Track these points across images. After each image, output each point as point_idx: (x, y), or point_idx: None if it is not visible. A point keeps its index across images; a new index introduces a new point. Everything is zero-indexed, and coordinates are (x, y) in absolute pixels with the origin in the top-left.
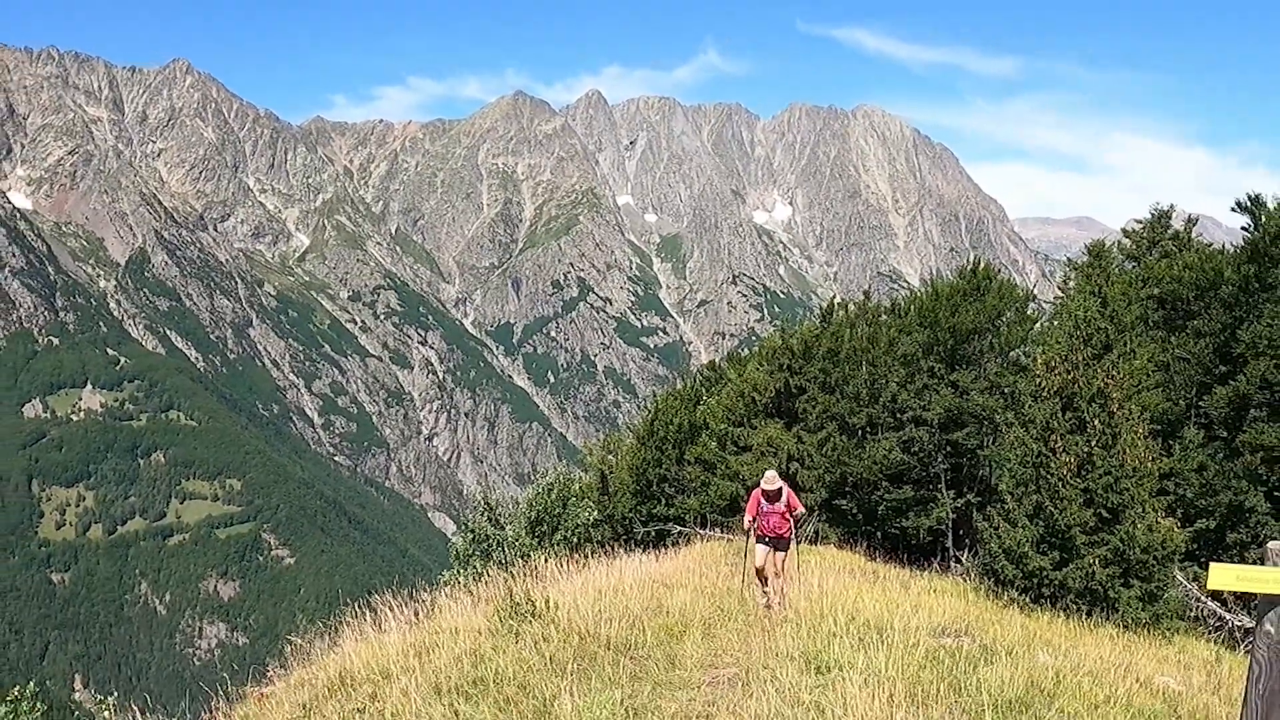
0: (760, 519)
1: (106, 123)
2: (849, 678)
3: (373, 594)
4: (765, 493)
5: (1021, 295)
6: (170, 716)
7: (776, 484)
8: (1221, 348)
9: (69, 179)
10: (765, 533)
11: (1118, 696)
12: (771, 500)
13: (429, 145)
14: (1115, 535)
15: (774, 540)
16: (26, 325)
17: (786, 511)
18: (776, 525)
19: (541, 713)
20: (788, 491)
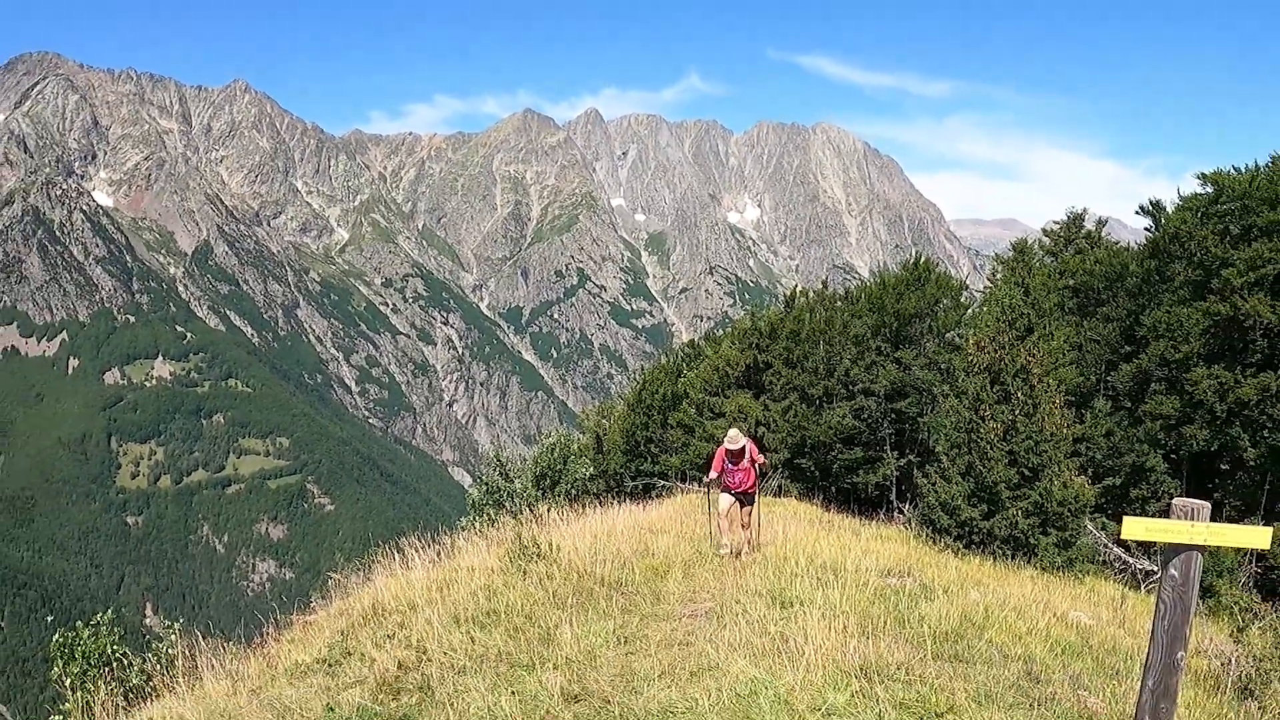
0: (725, 476)
1: (176, 133)
2: (809, 612)
3: (401, 537)
4: (729, 452)
5: (956, 286)
6: (227, 640)
7: (739, 443)
8: (1126, 331)
9: (144, 181)
10: (734, 488)
11: (1038, 629)
12: (735, 460)
13: (451, 154)
14: (1035, 491)
15: (739, 495)
16: (107, 305)
17: (751, 467)
18: (741, 481)
19: (546, 640)
20: (750, 448)
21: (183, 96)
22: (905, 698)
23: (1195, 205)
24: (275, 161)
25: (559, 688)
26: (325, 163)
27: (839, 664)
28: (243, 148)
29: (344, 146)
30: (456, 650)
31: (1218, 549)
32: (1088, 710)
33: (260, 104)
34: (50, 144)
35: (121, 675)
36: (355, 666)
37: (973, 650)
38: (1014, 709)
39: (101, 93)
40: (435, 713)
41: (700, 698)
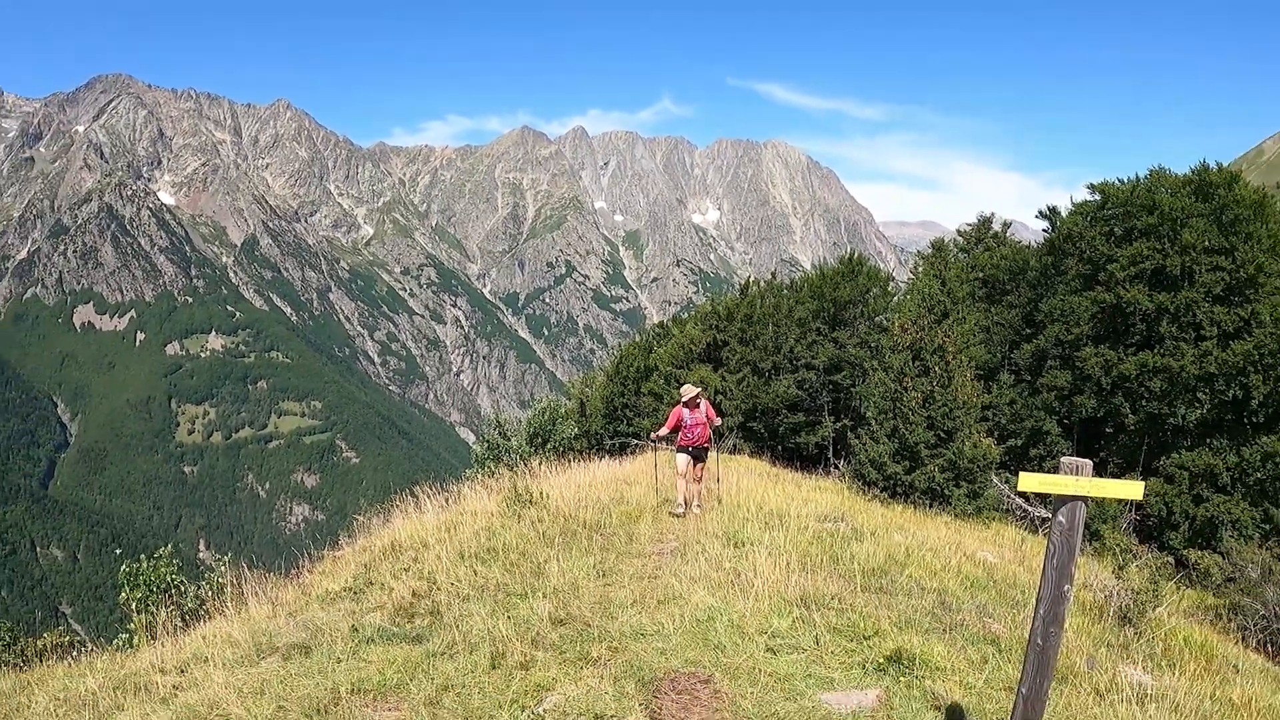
0: (684, 431)
1: (229, 144)
2: (758, 551)
3: (415, 485)
4: (685, 403)
5: (883, 277)
6: (268, 572)
7: (694, 392)
8: (1027, 316)
9: (201, 183)
10: (689, 444)
11: (951, 566)
12: (692, 409)
13: (460, 163)
14: (949, 450)
15: (696, 450)
16: (169, 288)
17: (706, 422)
18: (700, 435)
19: (537, 573)
20: (705, 402)
21: (234, 113)
22: (838, 623)
23: (1085, 210)
24: (312, 168)
25: (547, 613)
26: (354, 170)
27: (783, 595)
28: (284, 156)
29: (370, 156)
30: (461, 581)
31: (1101, 499)
32: (992, 634)
33: (299, 119)
34: (122, 152)
35: (179, 600)
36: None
37: (895, 584)
38: (929, 633)
39: (166, 108)
40: (443, 633)
41: (666, 622)
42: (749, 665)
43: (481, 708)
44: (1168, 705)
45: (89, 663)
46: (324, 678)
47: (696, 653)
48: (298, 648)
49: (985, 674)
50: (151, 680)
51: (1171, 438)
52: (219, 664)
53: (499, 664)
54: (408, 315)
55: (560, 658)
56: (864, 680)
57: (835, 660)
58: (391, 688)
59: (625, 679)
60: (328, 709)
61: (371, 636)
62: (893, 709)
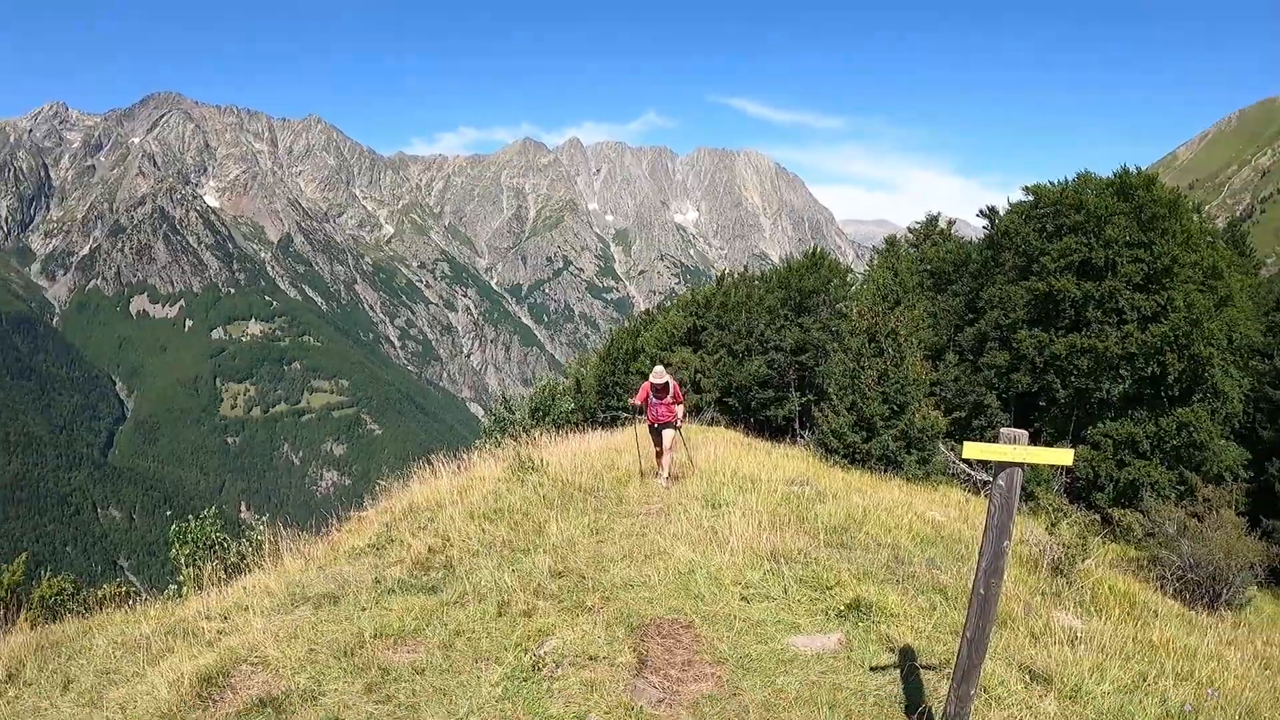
0: (650, 409)
1: (266, 153)
2: (733, 511)
3: (431, 454)
4: (654, 386)
5: (843, 270)
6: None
7: (664, 379)
8: (970, 303)
9: (242, 188)
10: (655, 420)
11: (903, 524)
12: (659, 395)
13: (470, 170)
14: (902, 421)
15: (662, 426)
16: (214, 280)
17: (673, 403)
18: (663, 414)
19: (538, 531)
20: (674, 385)
21: (271, 126)
22: (804, 574)
23: (1020, 210)
24: (339, 175)
25: (548, 567)
26: (377, 176)
27: (755, 550)
28: (315, 165)
29: (390, 164)
30: (472, 538)
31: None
32: (939, 584)
33: (329, 132)
34: (173, 160)
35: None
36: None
37: (855, 540)
38: (885, 583)
39: (211, 122)
40: (456, 585)
41: (652, 574)
42: (725, 612)
43: (489, 650)
44: (1095, 646)
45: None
46: (350, 624)
47: (679, 601)
48: (327, 597)
49: (934, 620)
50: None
51: (1098, 410)
52: (258, 612)
53: (505, 612)
54: (424, 304)
55: (559, 606)
56: (827, 625)
57: (801, 608)
58: (410, 632)
59: (616, 624)
60: (353, 651)
61: (392, 587)
62: (852, 650)
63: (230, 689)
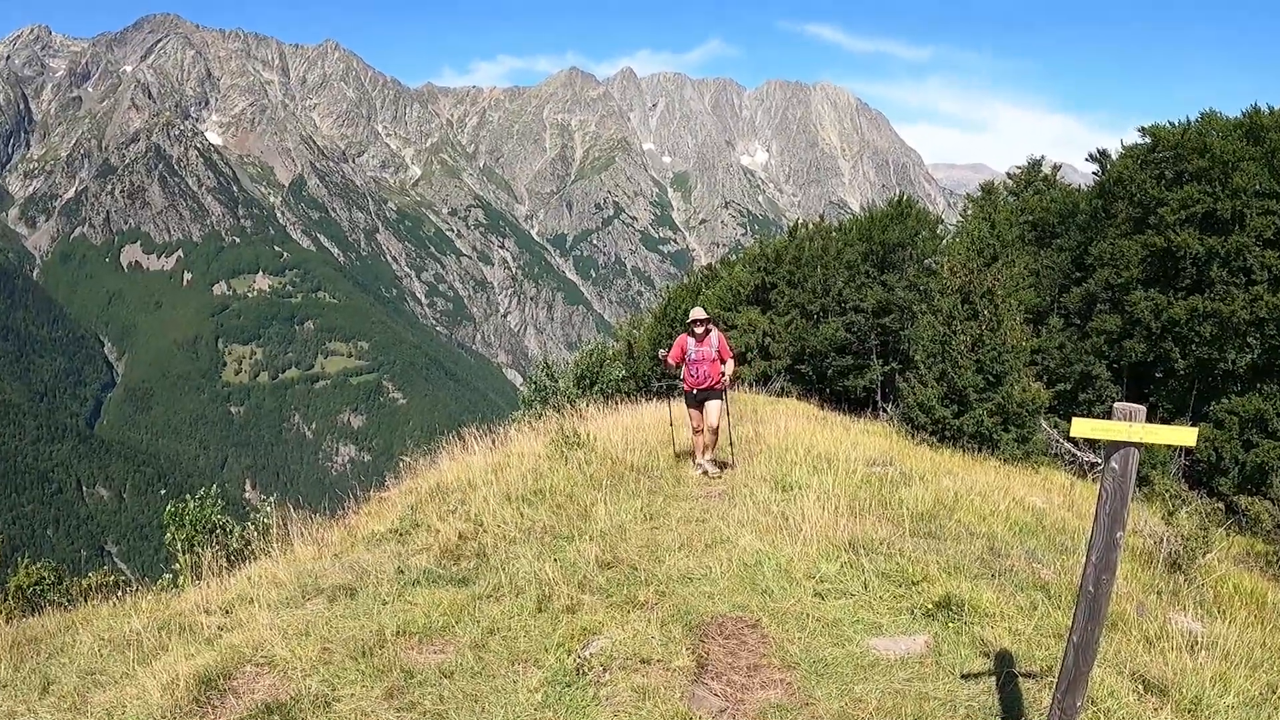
0: (688, 367)
1: (277, 84)
2: (806, 495)
3: (462, 427)
4: (692, 330)
5: (932, 220)
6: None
7: (701, 315)
8: (1076, 259)
9: (249, 124)
10: (693, 385)
11: (999, 511)
12: (699, 339)
13: (508, 105)
14: (998, 394)
15: (704, 394)
16: (217, 228)
17: (716, 357)
18: (708, 374)
19: (583, 515)
20: (718, 334)
21: (282, 53)
22: (887, 568)
23: (1135, 154)
24: (359, 109)
25: (594, 556)
26: (402, 110)
27: (831, 539)
28: (332, 97)
29: (418, 97)
30: (508, 523)
31: (1152, 445)
32: (1041, 580)
33: (347, 60)
34: (170, 91)
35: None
36: (422, 536)
37: (944, 529)
38: (978, 578)
39: (214, 49)
40: (490, 576)
41: (714, 566)
42: (796, 610)
43: (527, 650)
44: (1218, 652)
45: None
46: (369, 620)
47: (744, 597)
48: (343, 589)
49: (1034, 620)
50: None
51: (1221, 382)
52: (264, 605)
53: (545, 607)
54: (455, 256)
55: (607, 601)
56: (912, 626)
57: (883, 605)
58: (437, 630)
59: (672, 623)
60: (373, 651)
61: (417, 579)
62: (941, 655)
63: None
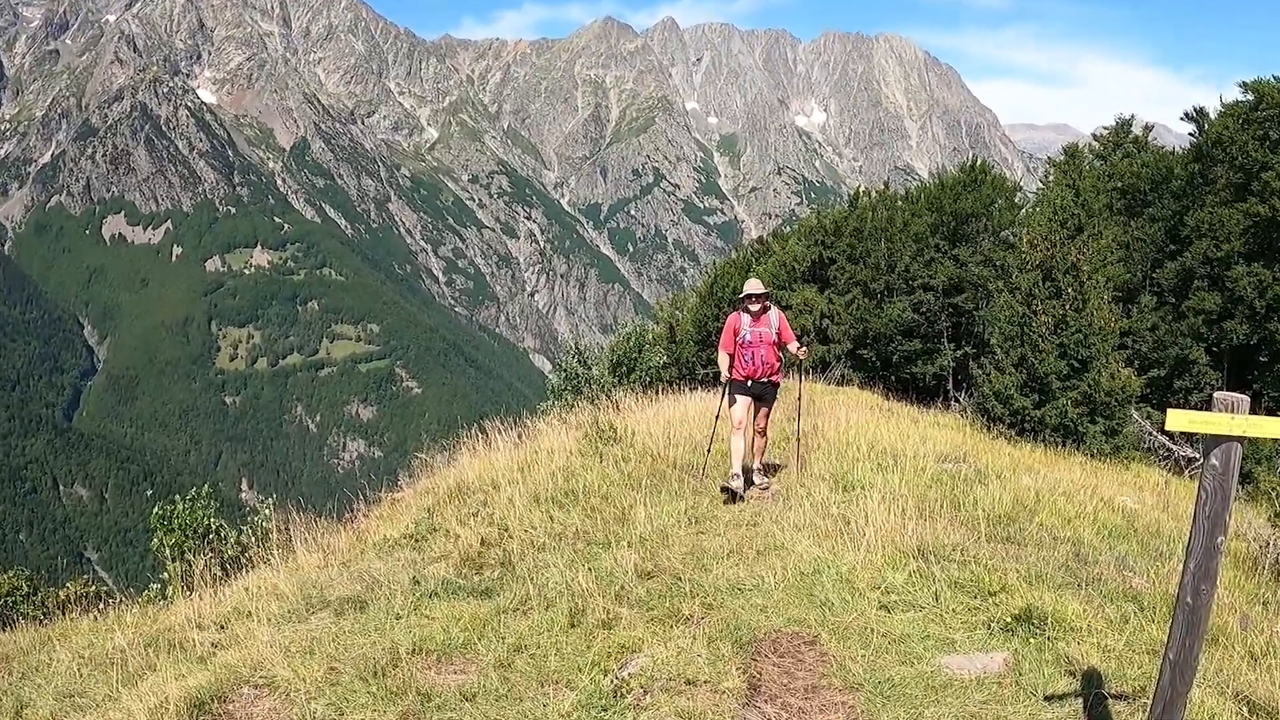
0: (740, 352)
1: (277, 36)
2: (869, 495)
3: (484, 419)
4: (746, 306)
5: (1010, 187)
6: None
7: (758, 289)
8: (1171, 230)
9: (246, 80)
10: (747, 374)
11: (1086, 513)
12: (756, 317)
13: (535, 59)
14: (1084, 381)
15: (759, 386)
16: (209, 196)
17: (775, 341)
18: (765, 360)
19: (621, 519)
20: (776, 311)
21: (283, 1)
22: (960, 577)
23: (1237, 112)
24: (369, 64)
25: (633, 565)
26: (416, 65)
27: (898, 545)
28: (339, 50)
29: (434, 50)
30: (536, 528)
31: (1257, 439)
32: (1133, 590)
33: (356, 9)
34: (158, 44)
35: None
36: (440, 542)
37: (1024, 533)
38: (1063, 589)
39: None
40: (516, 587)
41: (766, 575)
42: (859, 624)
43: (558, 670)
44: None
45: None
46: (381, 636)
47: (800, 610)
48: (352, 602)
49: (1126, 635)
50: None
51: None
52: (263, 619)
53: (578, 622)
54: (476, 228)
55: (647, 615)
56: (989, 642)
57: (957, 619)
58: (457, 647)
59: (720, 639)
60: (385, 671)
61: (435, 590)
62: (1021, 674)
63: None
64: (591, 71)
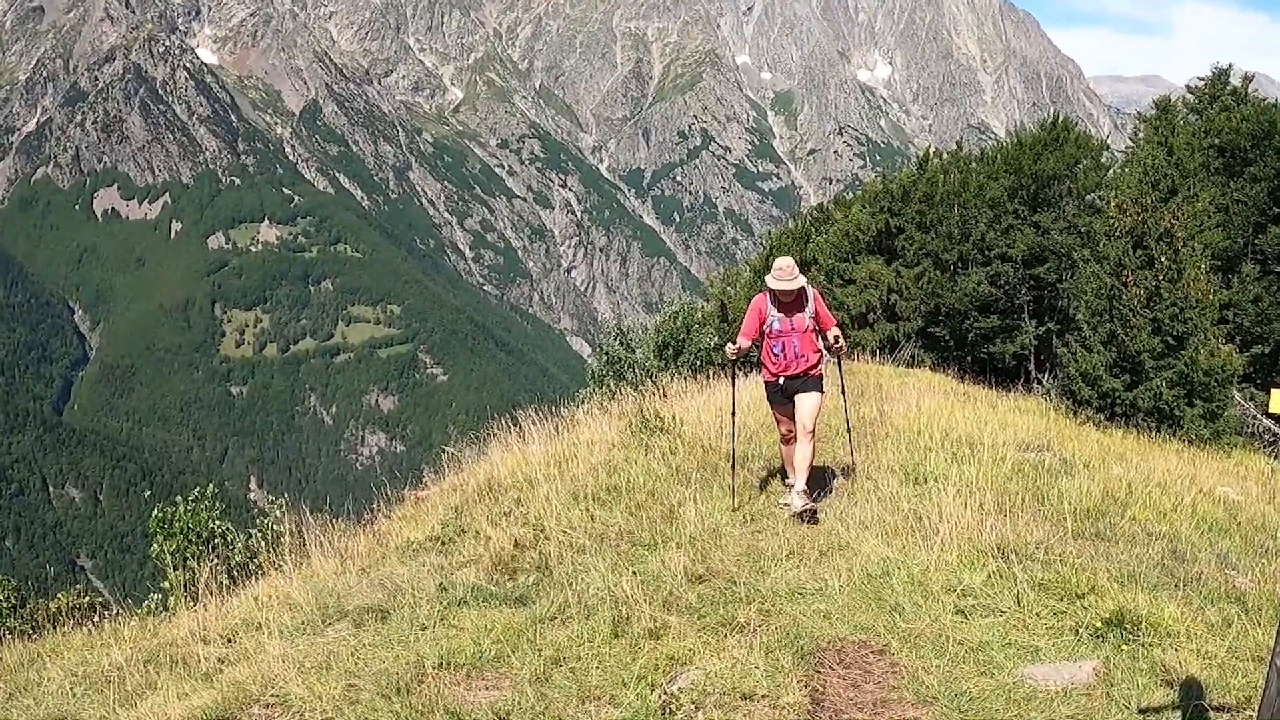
0: (768, 343)
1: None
2: (943, 488)
3: (517, 409)
4: (776, 296)
5: (1096, 145)
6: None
7: (794, 279)
8: (1275, 191)
9: (250, 38)
10: (778, 371)
11: (1184, 505)
12: (790, 310)
13: (569, 10)
14: (1180, 360)
15: (794, 384)
16: (212, 166)
17: (813, 330)
18: (801, 353)
19: (668, 518)
20: (814, 292)
21: None
22: (1044, 578)
23: None
24: (386, 18)
25: (682, 567)
26: (438, 19)
27: (975, 543)
28: (352, 3)
29: (457, 2)
30: (575, 528)
31: None
32: (1236, 590)
33: None
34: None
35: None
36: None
37: (1115, 528)
38: (1158, 589)
39: None
40: (553, 593)
41: (830, 578)
42: (933, 631)
43: (601, 685)
44: None
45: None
46: (405, 649)
47: (868, 616)
48: (372, 612)
49: (1228, 640)
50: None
51: None
52: (275, 632)
53: (622, 632)
54: (506, 198)
55: (699, 624)
56: (1077, 649)
57: (1041, 625)
58: (489, 661)
59: (780, 649)
60: (410, 687)
61: (464, 597)
62: (1113, 684)
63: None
64: (631, 23)
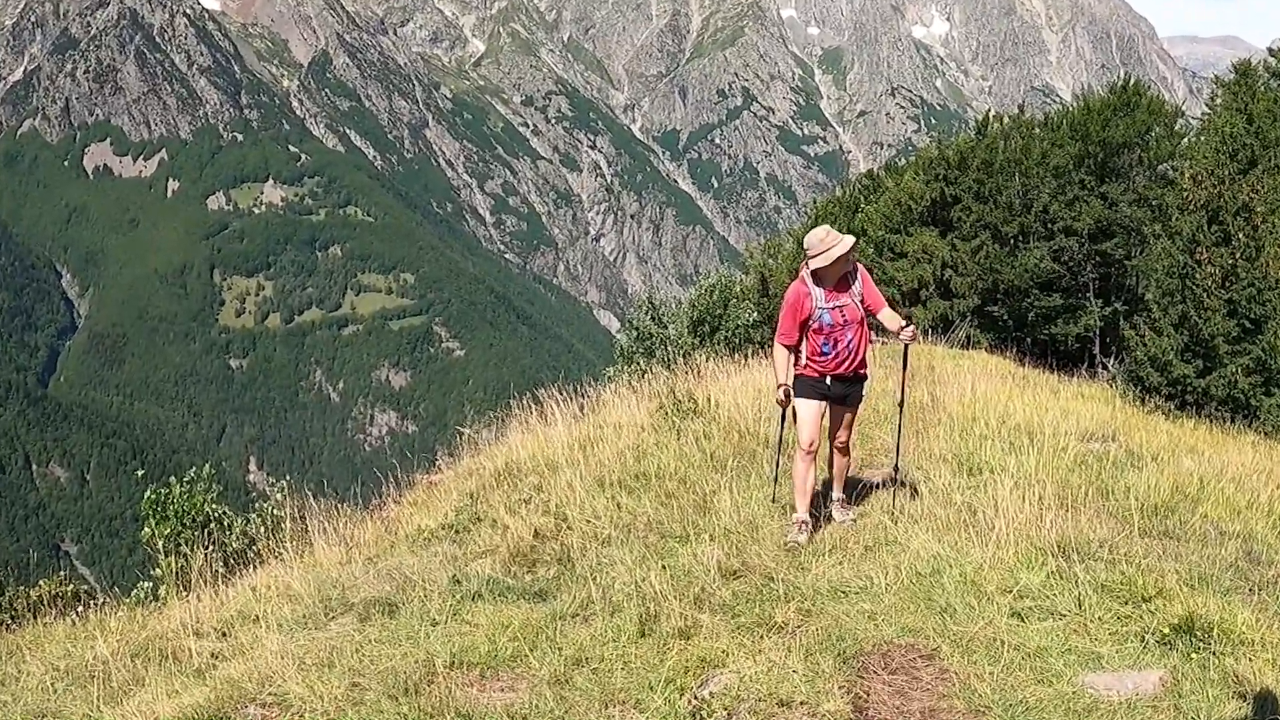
0: (815, 340)
1: None
2: (1000, 480)
3: (539, 387)
4: (821, 278)
5: (1170, 111)
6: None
7: (840, 238)
8: None
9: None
10: (825, 370)
11: (1260, 503)
12: (838, 287)
13: None
14: (1257, 345)
15: (843, 386)
16: (212, 121)
17: (859, 316)
18: (853, 347)
19: (701, 507)
20: (863, 272)
21: None
22: (1108, 579)
23: None
24: None
25: (716, 562)
26: None
27: (1033, 540)
28: None
29: None
30: (600, 518)
31: None
32: None
33: None
34: None
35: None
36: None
37: (1185, 526)
38: (1231, 593)
39: None
40: (576, 588)
41: (876, 576)
42: (987, 635)
43: (626, 688)
44: None
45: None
46: (414, 646)
47: (916, 618)
48: (379, 605)
49: None
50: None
51: None
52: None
53: (650, 630)
54: (530, 160)
55: (733, 623)
56: (1143, 657)
57: (1104, 630)
58: (504, 660)
59: (820, 652)
60: (419, 687)
61: (479, 591)
62: (1181, 695)
63: None
64: None
